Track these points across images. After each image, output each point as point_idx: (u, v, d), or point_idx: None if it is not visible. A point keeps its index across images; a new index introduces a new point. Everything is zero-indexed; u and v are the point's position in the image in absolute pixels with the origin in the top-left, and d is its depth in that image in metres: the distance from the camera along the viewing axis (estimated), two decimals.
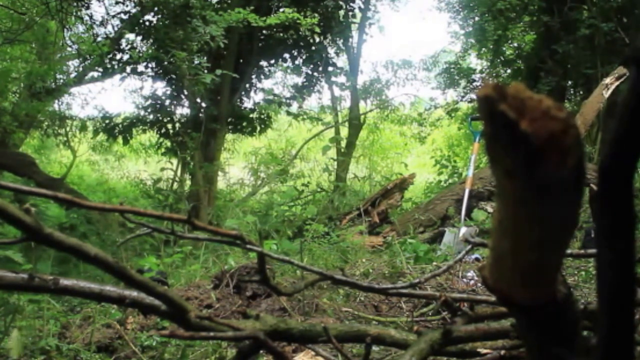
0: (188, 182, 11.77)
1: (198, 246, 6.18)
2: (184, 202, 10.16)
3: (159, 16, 10.48)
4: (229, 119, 12.37)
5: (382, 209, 7.74)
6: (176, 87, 11.48)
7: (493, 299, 1.90)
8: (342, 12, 13.25)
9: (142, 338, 3.36)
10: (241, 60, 12.16)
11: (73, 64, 12.91)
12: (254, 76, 12.88)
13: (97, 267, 1.48)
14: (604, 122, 10.18)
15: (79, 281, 1.58)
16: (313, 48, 12.88)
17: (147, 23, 10.94)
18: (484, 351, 1.87)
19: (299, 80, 13.50)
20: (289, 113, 13.94)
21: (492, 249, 0.88)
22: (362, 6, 14.09)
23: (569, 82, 13.18)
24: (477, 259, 5.36)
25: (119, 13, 11.33)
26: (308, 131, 15.74)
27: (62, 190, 9.13)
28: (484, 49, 14.26)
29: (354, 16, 14.22)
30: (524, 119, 0.68)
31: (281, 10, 10.88)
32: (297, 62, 13.06)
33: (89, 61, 11.90)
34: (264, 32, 11.96)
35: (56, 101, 12.79)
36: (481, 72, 15.13)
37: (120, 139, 12.37)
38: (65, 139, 13.66)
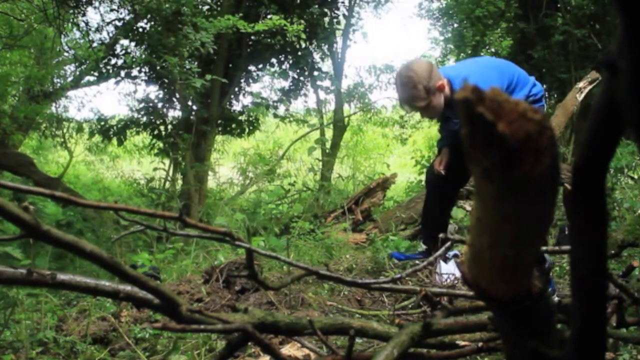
0: (179, 182, 11.72)
1: (189, 243, 6.20)
2: (175, 200, 10.16)
3: (152, 23, 10.61)
4: (219, 121, 12.38)
5: (365, 207, 7.73)
6: (168, 90, 11.50)
7: (471, 293, 1.85)
8: (327, 19, 13.31)
9: (135, 330, 3.38)
10: (230, 65, 12.14)
11: (70, 68, 12.80)
12: (242, 80, 12.86)
13: (92, 263, 1.50)
14: (578, 124, 10.18)
15: (75, 276, 1.59)
16: (299, 53, 12.93)
17: (140, 30, 11.05)
18: (462, 343, 1.89)
19: (286, 84, 13.49)
20: (276, 115, 13.84)
21: (470, 245, 0.89)
22: (346, 13, 14.17)
23: (544, 86, 13.22)
24: (456, 255, 5.28)
25: (113, 20, 11.47)
26: (294, 133, 15.55)
27: (59, 189, 9.11)
28: (462, 54, 13.88)
29: (338, 23, 14.31)
30: (501, 121, 0.69)
31: (269, 17, 10.82)
32: (284, 67, 13.04)
33: (85, 66, 11.85)
34: (253, 38, 12.05)
35: (54, 104, 12.73)
36: None
37: (114, 140, 12.30)
38: (62, 140, 13.60)
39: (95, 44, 11.22)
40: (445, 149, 4.68)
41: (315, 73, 13.57)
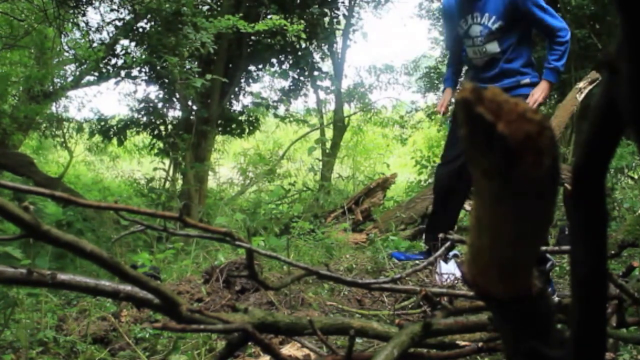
0: (180, 182, 11.72)
1: (189, 243, 6.15)
2: (175, 200, 10.17)
3: (152, 23, 10.61)
4: (219, 121, 12.41)
5: (365, 207, 7.72)
6: (168, 90, 11.52)
7: (471, 293, 1.82)
8: (327, 19, 13.32)
9: (135, 330, 3.36)
10: (230, 65, 12.20)
11: (70, 68, 12.88)
12: (242, 80, 12.89)
13: (92, 263, 1.49)
14: (578, 124, 10.19)
15: (75, 276, 1.57)
16: (299, 53, 12.94)
17: (140, 30, 11.09)
18: (462, 343, 1.88)
19: (286, 84, 13.54)
20: (276, 115, 13.91)
21: (470, 245, 0.89)
22: (346, 13, 14.23)
23: None
24: (456, 255, 5.23)
25: (113, 20, 11.52)
26: (294, 133, 15.67)
27: (59, 189, 9.05)
28: None
29: (338, 23, 14.34)
30: (500, 121, 0.68)
31: (269, 17, 10.81)
32: (284, 67, 13.05)
33: (85, 66, 11.86)
34: (253, 38, 12.07)
35: (54, 104, 12.75)
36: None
37: (115, 140, 12.34)
38: (62, 140, 13.61)
39: (95, 44, 11.25)
40: (448, 89, 4.77)
41: (315, 73, 13.59)
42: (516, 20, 4.27)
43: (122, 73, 11.40)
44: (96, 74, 11.99)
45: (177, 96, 11.58)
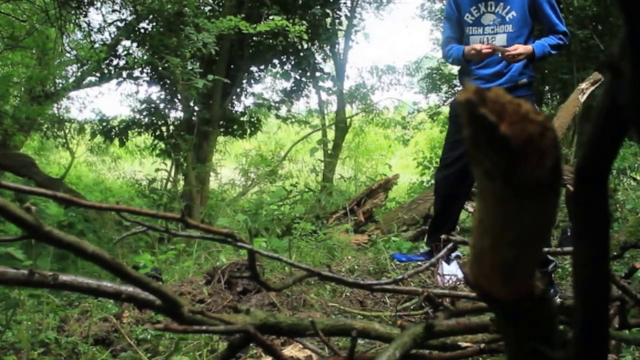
0: (181, 183, 11.78)
1: (191, 244, 6.03)
2: (177, 201, 10.17)
3: (154, 24, 10.70)
4: (221, 122, 12.43)
5: (367, 208, 7.68)
6: (170, 91, 11.58)
7: (473, 294, 1.94)
8: (329, 20, 13.36)
9: (137, 331, 3.33)
10: (232, 66, 12.22)
11: (72, 69, 12.86)
12: (244, 81, 12.88)
13: (94, 264, 1.47)
14: (580, 125, 10.17)
15: (77, 277, 1.56)
16: (301, 54, 12.96)
17: (142, 30, 11.13)
18: (464, 344, 1.84)
19: (288, 85, 13.58)
20: (278, 116, 13.99)
21: (472, 246, 0.88)
22: (348, 14, 14.31)
23: (547, 87, 13.33)
24: (458, 257, 5.18)
25: (115, 21, 11.56)
26: (296, 134, 15.76)
27: (61, 189, 9.07)
28: None
29: (340, 24, 14.31)
30: (503, 122, 0.68)
31: (271, 18, 10.90)
32: (286, 68, 13.11)
33: (86, 66, 11.92)
34: (254, 38, 12.07)
35: (55, 105, 12.76)
36: None
37: (116, 141, 12.38)
38: (64, 141, 13.67)
39: (97, 45, 11.31)
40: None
41: (317, 74, 13.64)
42: (529, 17, 4.25)
43: (124, 74, 11.46)
44: (98, 74, 12.03)
45: (179, 97, 11.61)
